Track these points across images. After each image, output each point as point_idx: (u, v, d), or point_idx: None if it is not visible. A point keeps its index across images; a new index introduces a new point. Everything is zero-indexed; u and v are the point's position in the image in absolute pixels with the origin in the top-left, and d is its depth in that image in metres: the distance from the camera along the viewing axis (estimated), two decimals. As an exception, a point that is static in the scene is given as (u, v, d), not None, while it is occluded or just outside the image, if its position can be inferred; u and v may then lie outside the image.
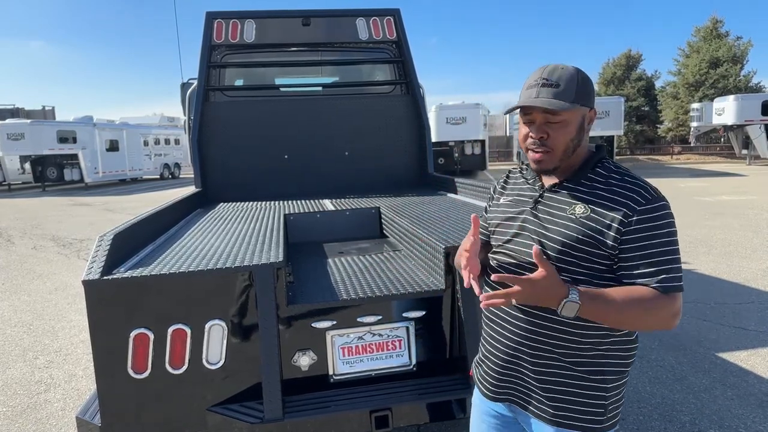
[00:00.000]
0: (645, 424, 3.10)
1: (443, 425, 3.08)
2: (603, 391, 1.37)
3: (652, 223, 1.28)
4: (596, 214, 1.32)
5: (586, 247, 1.32)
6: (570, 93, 1.33)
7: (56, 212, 14.33)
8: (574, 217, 1.35)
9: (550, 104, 1.32)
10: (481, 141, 21.02)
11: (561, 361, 1.38)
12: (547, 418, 1.42)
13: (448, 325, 2.40)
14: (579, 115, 1.37)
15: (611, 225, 1.30)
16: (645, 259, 1.28)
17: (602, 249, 1.31)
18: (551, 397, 1.40)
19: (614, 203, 1.31)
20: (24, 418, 3.42)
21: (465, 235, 2.50)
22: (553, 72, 1.35)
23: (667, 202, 1.32)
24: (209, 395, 2.13)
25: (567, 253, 1.34)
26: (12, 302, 6.06)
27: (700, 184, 16.80)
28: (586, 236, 1.32)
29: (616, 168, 1.40)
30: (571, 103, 1.32)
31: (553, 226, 1.38)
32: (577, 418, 1.38)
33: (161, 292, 2.06)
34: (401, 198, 4.17)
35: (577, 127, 1.37)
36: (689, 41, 33.19)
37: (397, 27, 5.01)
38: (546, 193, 1.44)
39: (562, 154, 1.38)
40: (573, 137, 1.37)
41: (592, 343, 1.36)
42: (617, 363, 1.38)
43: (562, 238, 1.35)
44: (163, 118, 33.20)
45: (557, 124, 1.35)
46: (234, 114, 4.84)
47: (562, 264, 1.34)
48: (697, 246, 7.66)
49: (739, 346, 4.16)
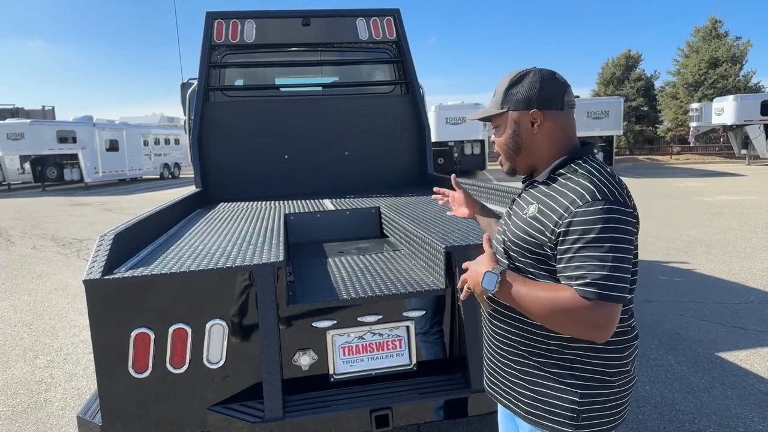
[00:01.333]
0: (644, 423, 3.10)
1: (443, 425, 3.09)
2: (574, 395, 1.35)
3: (585, 225, 1.22)
4: (541, 214, 1.33)
5: (531, 246, 1.34)
6: (498, 100, 1.44)
7: (56, 212, 14.32)
8: (526, 216, 1.38)
9: (475, 115, 1.51)
10: (480, 141, 21.06)
11: (529, 359, 1.41)
12: (522, 414, 1.45)
13: (448, 324, 2.40)
14: (509, 119, 1.43)
15: (548, 225, 1.30)
16: (571, 262, 1.23)
17: (543, 249, 1.32)
18: (525, 394, 1.43)
19: (557, 204, 1.30)
20: (24, 418, 3.42)
21: (465, 235, 2.52)
22: (500, 81, 1.46)
23: (613, 205, 1.23)
24: (210, 395, 2.13)
25: (520, 252, 1.38)
26: (12, 302, 6.06)
27: (700, 184, 16.81)
28: (530, 235, 1.34)
29: (587, 167, 1.34)
30: (499, 109, 1.43)
31: (512, 225, 1.44)
32: (547, 417, 1.39)
33: (162, 292, 2.06)
34: (401, 198, 4.17)
35: (512, 130, 1.42)
36: (688, 41, 33.19)
37: (396, 27, 5.02)
38: (522, 192, 1.50)
39: (506, 155, 1.47)
40: (507, 140, 1.44)
41: (559, 345, 1.36)
42: (594, 371, 1.35)
43: (515, 238, 1.40)
44: (163, 118, 33.19)
45: (496, 129, 1.48)
46: (234, 114, 4.85)
47: (519, 263, 1.40)
48: (696, 246, 7.67)
49: (738, 346, 4.16)
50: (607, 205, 1.22)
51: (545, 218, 1.31)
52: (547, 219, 1.30)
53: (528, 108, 1.38)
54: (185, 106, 5.75)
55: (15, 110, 31.81)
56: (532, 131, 1.40)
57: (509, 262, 1.43)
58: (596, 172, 1.32)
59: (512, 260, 1.42)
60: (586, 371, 1.35)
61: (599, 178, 1.29)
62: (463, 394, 2.26)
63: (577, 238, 1.22)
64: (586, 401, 1.35)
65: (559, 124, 1.40)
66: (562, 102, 1.39)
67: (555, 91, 1.39)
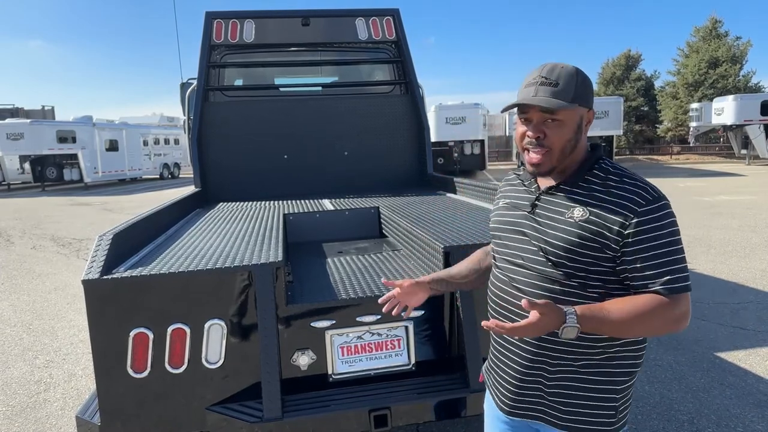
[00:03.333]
0: (643, 423, 3.10)
1: (442, 424, 3.09)
2: (613, 393, 1.36)
3: (653, 224, 1.25)
4: (595, 216, 1.29)
5: (588, 251, 1.29)
6: (569, 92, 1.31)
7: (55, 212, 14.32)
8: (573, 220, 1.32)
9: (548, 103, 1.29)
10: (480, 141, 21.04)
11: (572, 367, 1.36)
12: (558, 423, 1.40)
13: (447, 324, 2.40)
14: (577, 115, 1.34)
15: (611, 227, 1.27)
16: (648, 261, 1.25)
17: (604, 252, 1.28)
18: (562, 402, 1.39)
19: (613, 205, 1.28)
20: (23, 418, 3.42)
21: (464, 235, 2.52)
22: (553, 70, 1.33)
23: (667, 201, 1.29)
24: (209, 394, 2.13)
25: (570, 258, 1.31)
26: (12, 302, 6.06)
27: (699, 184, 16.81)
28: (587, 240, 1.29)
29: (614, 168, 1.37)
30: (570, 103, 1.30)
31: (553, 231, 1.35)
32: (589, 421, 1.37)
33: (161, 292, 2.06)
34: (401, 198, 4.17)
35: (575, 128, 1.34)
36: (688, 41, 33.24)
37: (396, 27, 5.02)
38: (543, 196, 1.41)
39: (559, 154, 1.35)
40: (570, 138, 1.34)
41: (603, 347, 1.34)
42: (627, 364, 1.37)
43: (564, 243, 1.32)
44: (163, 117, 33.18)
45: (554, 123, 1.33)
46: (233, 114, 4.85)
47: (569, 269, 1.32)
48: (696, 246, 7.66)
49: (737, 346, 4.17)
50: (664, 202, 1.29)
51: (603, 220, 1.28)
52: (607, 221, 1.28)
53: (590, 107, 1.38)
54: (185, 106, 5.75)
55: (15, 110, 31.81)
56: (585, 130, 1.39)
57: (554, 270, 1.34)
58: (629, 172, 1.36)
59: (558, 267, 1.33)
60: (622, 366, 1.36)
61: (638, 177, 1.34)
62: (462, 394, 2.26)
63: (651, 237, 1.25)
64: (622, 396, 1.38)
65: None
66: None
67: (593, 92, 1.42)
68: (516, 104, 1.35)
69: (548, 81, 1.31)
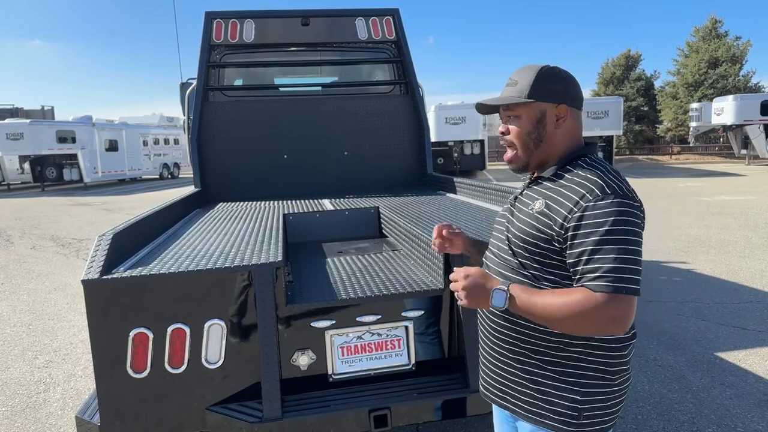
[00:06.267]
0: (643, 423, 3.10)
1: (442, 424, 3.09)
2: (576, 394, 1.36)
3: (595, 219, 1.24)
4: (549, 209, 1.34)
5: (539, 242, 1.34)
6: (523, 89, 1.40)
7: (55, 212, 14.32)
8: (532, 212, 1.38)
9: (499, 100, 1.42)
10: (480, 141, 21.03)
11: (531, 359, 1.40)
12: (523, 414, 1.44)
13: (447, 324, 2.40)
14: (535, 110, 1.40)
15: (556, 219, 1.30)
16: (586, 255, 1.24)
17: (552, 244, 1.32)
18: (526, 393, 1.43)
19: (566, 198, 1.31)
20: (23, 418, 3.42)
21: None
22: (520, 72, 1.43)
23: (623, 200, 1.25)
24: (208, 395, 2.13)
25: (526, 249, 1.38)
26: (11, 302, 6.05)
27: (699, 183, 16.81)
28: (538, 231, 1.34)
29: (589, 164, 1.37)
30: (524, 98, 1.38)
31: (517, 221, 1.43)
32: (549, 417, 1.39)
33: (160, 292, 2.06)
34: (400, 198, 4.17)
35: (534, 122, 1.41)
36: (688, 41, 33.17)
37: (396, 27, 5.02)
38: (525, 189, 1.49)
39: (523, 148, 1.43)
40: (530, 131, 1.41)
41: (561, 343, 1.36)
42: (596, 369, 1.36)
43: (521, 234, 1.39)
44: (163, 117, 33.18)
45: (513, 119, 1.43)
46: (233, 114, 4.85)
47: (525, 259, 1.38)
48: (696, 246, 7.66)
49: (737, 346, 4.16)
50: (617, 199, 1.25)
51: (553, 213, 1.32)
52: (556, 213, 1.31)
53: (556, 102, 1.40)
54: (184, 106, 5.75)
55: (14, 110, 31.82)
56: (555, 125, 1.42)
57: (513, 259, 1.42)
58: (602, 168, 1.35)
59: (516, 256, 1.40)
60: (588, 369, 1.36)
61: (606, 173, 1.33)
62: (462, 394, 2.26)
63: (589, 233, 1.24)
64: (588, 399, 1.36)
65: (576, 123, 1.45)
66: (582, 104, 1.47)
67: (578, 91, 1.45)
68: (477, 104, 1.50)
69: (512, 81, 1.44)
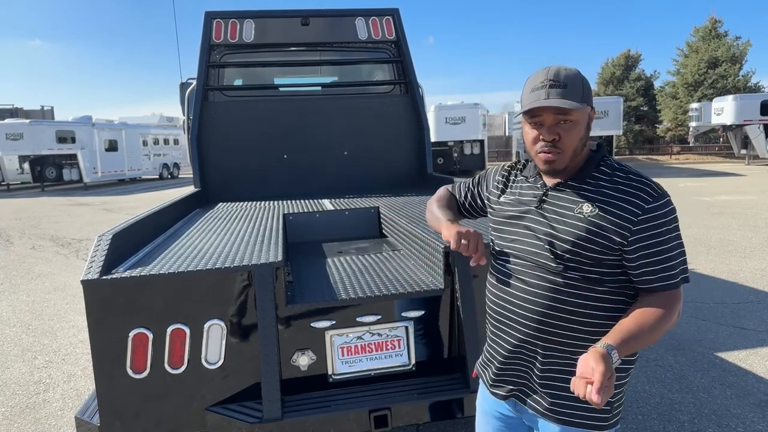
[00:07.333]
0: (644, 423, 3.10)
1: (442, 425, 3.09)
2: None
3: (659, 220, 1.31)
4: (604, 212, 1.34)
5: (595, 246, 1.33)
6: (578, 92, 1.34)
7: (55, 212, 14.31)
8: (582, 216, 1.36)
9: (564, 104, 1.31)
10: (480, 141, 21.03)
11: (571, 359, 1.37)
12: (554, 417, 1.42)
13: (447, 324, 2.40)
14: (586, 114, 1.39)
15: (619, 223, 1.31)
16: (655, 257, 1.31)
17: (610, 247, 1.33)
18: (559, 395, 1.41)
19: (621, 201, 1.33)
20: (23, 418, 3.42)
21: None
22: (558, 73, 1.35)
23: (669, 197, 1.35)
24: (208, 395, 2.12)
25: (577, 252, 1.35)
26: (11, 302, 6.05)
27: (699, 183, 16.81)
28: (596, 235, 1.33)
29: (619, 165, 1.42)
30: (581, 102, 1.34)
31: (562, 225, 1.38)
32: (585, 416, 1.39)
33: (160, 292, 2.06)
34: (400, 198, 4.17)
35: (585, 126, 1.39)
36: (688, 41, 33.19)
37: (396, 27, 5.01)
38: (550, 192, 1.44)
39: (572, 153, 1.38)
40: (582, 136, 1.38)
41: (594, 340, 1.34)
42: (625, 361, 1.38)
43: (572, 238, 1.35)
44: (162, 118, 33.17)
45: (568, 124, 1.35)
46: (233, 114, 4.84)
47: (574, 263, 1.36)
48: (696, 246, 7.66)
49: (738, 346, 4.16)
50: (666, 198, 1.34)
51: (612, 216, 1.33)
52: (615, 217, 1.32)
53: (592, 106, 1.41)
54: (184, 106, 5.74)
55: (14, 110, 31.82)
56: (590, 128, 1.43)
57: (555, 263, 1.37)
58: (633, 170, 1.41)
59: (560, 259, 1.37)
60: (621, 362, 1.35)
61: (643, 175, 1.39)
62: (462, 394, 2.25)
63: (657, 233, 1.31)
64: (617, 391, 1.39)
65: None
66: None
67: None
68: (533, 108, 1.35)
69: (557, 83, 1.33)
